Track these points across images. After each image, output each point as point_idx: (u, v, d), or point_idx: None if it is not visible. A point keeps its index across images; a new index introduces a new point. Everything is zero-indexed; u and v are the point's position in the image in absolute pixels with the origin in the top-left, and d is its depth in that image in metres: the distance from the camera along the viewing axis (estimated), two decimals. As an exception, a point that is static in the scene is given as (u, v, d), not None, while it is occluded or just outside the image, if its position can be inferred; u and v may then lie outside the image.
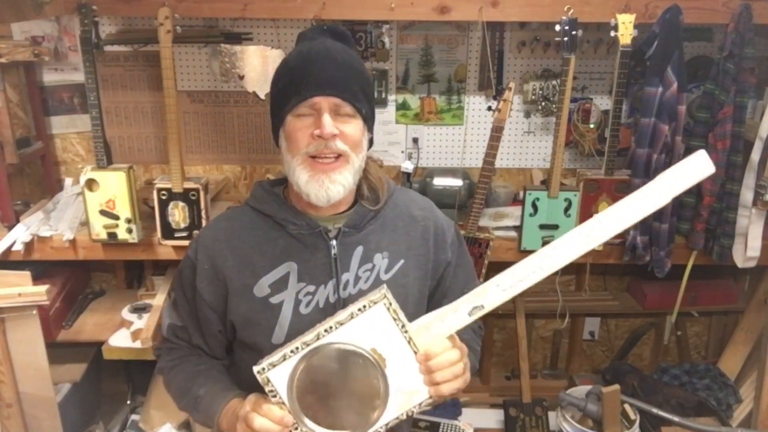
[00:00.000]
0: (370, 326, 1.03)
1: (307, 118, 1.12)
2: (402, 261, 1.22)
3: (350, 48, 1.21)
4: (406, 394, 1.06)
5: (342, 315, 1.02)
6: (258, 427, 1.02)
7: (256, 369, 1.02)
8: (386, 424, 1.06)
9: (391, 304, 1.02)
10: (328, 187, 1.12)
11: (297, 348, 1.02)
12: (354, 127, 1.14)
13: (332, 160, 1.13)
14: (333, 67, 1.12)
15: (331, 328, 1.02)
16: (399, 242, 1.23)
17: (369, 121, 1.20)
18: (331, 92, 1.11)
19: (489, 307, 1.03)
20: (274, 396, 1.03)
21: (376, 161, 1.30)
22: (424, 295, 1.28)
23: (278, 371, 1.02)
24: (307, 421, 1.05)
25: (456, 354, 1.06)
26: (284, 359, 1.02)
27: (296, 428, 1.04)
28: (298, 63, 1.15)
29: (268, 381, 1.02)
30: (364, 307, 1.02)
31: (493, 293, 1.03)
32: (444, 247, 1.29)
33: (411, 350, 1.05)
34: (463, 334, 1.25)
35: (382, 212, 1.24)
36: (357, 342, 1.03)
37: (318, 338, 1.02)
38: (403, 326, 1.03)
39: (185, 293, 1.26)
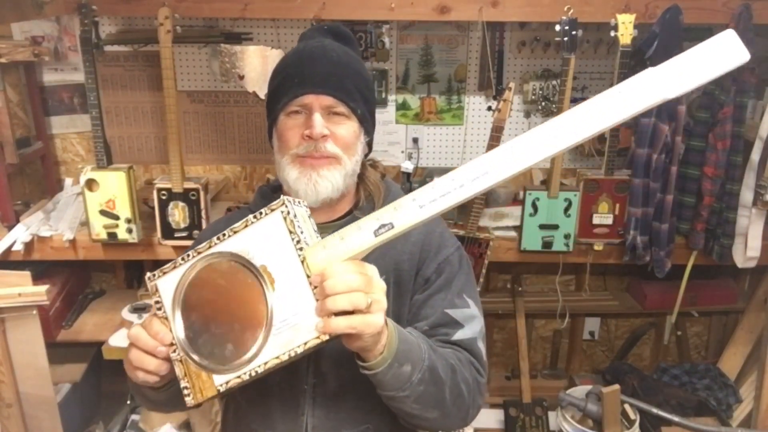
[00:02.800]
0: (264, 239, 0.87)
1: (298, 117, 1.08)
2: (383, 277, 1.08)
3: (352, 48, 1.17)
4: (293, 329, 0.86)
5: (238, 222, 0.88)
6: (131, 335, 0.94)
7: (148, 275, 0.93)
8: (264, 364, 0.87)
9: (289, 213, 0.85)
10: (316, 181, 1.07)
11: (188, 255, 0.90)
12: (347, 128, 1.09)
13: (321, 157, 1.08)
14: (327, 65, 1.08)
15: (224, 235, 0.88)
16: (386, 257, 1.12)
17: (366, 124, 1.14)
18: (323, 90, 1.06)
19: (400, 226, 0.83)
20: (159, 308, 0.92)
21: (377, 167, 1.23)
22: (404, 314, 1.15)
23: (167, 280, 0.91)
24: (184, 342, 0.91)
25: (358, 279, 0.84)
26: (174, 267, 0.91)
27: (174, 350, 0.92)
28: (293, 61, 1.12)
29: (157, 290, 0.92)
30: (261, 214, 0.87)
31: (408, 210, 0.83)
32: (430, 264, 1.14)
33: (304, 273, 0.85)
34: (444, 355, 1.06)
35: None
36: (249, 255, 0.87)
37: (210, 246, 0.89)
38: (298, 242, 0.85)
39: None
